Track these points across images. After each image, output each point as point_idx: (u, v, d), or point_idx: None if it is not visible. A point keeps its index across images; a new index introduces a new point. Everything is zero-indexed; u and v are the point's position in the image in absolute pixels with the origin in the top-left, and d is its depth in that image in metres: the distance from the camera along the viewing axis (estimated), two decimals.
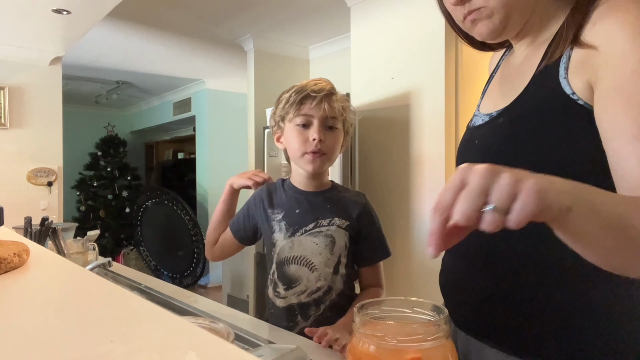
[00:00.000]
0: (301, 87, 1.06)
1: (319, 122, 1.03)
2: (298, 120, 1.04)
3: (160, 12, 3.15)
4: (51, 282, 0.57)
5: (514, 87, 0.73)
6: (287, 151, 1.11)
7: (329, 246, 1.05)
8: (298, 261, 1.06)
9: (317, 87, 1.05)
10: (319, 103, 1.03)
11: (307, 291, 1.05)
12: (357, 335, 0.56)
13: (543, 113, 0.66)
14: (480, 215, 0.43)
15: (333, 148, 1.06)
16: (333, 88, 1.08)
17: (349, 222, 1.07)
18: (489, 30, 0.71)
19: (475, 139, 0.78)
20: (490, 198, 0.42)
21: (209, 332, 0.35)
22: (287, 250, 1.07)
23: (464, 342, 0.76)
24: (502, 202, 0.42)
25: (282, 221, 1.09)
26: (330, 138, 1.05)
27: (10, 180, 3.15)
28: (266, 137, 3.52)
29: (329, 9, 3.03)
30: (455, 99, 2.36)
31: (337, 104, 1.06)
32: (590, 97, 0.62)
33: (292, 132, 1.06)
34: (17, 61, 3.16)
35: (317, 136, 1.02)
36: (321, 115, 1.03)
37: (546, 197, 0.42)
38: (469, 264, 0.76)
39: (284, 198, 1.12)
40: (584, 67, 0.62)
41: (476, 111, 0.85)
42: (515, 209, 0.42)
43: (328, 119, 1.05)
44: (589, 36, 0.62)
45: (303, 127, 1.04)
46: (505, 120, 0.72)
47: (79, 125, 6.13)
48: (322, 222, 1.07)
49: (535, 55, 0.72)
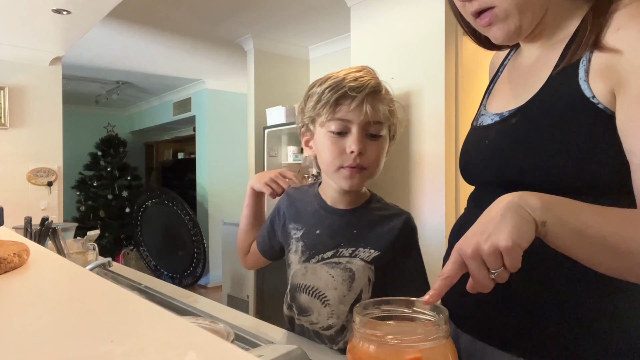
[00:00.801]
0: (337, 82, 0.84)
1: (358, 129, 0.82)
2: (332, 126, 0.83)
3: (160, 12, 3.15)
4: (51, 282, 0.57)
5: (528, 88, 0.72)
6: (319, 161, 0.90)
7: (347, 281, 0.87)
8: (310, 291, 0.90)
9: (358, 83, 0.82)
10: (360, 105, 0.81)
11: (319, 325, 0.91)
12: (357, 335, 0.56)
13: (560, 115, 0.65)
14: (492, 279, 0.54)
15: (376, 161, 0.86)
16: (378, 82, 0.85)
17: (379, 252, 0.87)
18: (504, 34, 0.69)
19: (485, 139, 0.77)
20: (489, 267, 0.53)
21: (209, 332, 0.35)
22: (300, 276, 0.92)
23: (468, 344, 0.76)
24: (496, 267, 0.53)
25: (299, 241, 0.92)
26: (373, 149, 0.84)
27: (10, 180, 3.15)
28: (266, 137, 3.52)
29: (329, 9, 3.03)
30: (455, 99, 2.36)
31: (382, 105, 0.84)
32: (611, 102, 0.61)
33: (325, 140, 0.85)
34: (17, 61, 3.16)
35: (355, 148, 0.82)
36: (362, 120, 0.82)
37: (523, 241, 0.52)
38: None
39: (308, 211, 0.94)
40: (608, 73, 0.61)
41: (482, 110, 0.84)
42: (508, 266, 0.53)
43: (370, 125, 0.83)
44: (612, 40, 0.61)
45: (339, 135, 0.83)
46: (519, 120, 0.71)
47: (79, 125, 6.13)
48: (342, 251, 0.88)
49: (550, 56, 0.70)
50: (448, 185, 2.33)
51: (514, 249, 0.51)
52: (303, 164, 3.32)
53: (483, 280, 0.54)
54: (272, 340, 0.97)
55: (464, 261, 0.55)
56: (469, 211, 0.82)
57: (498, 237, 0.52)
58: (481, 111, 0.84)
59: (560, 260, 0.65)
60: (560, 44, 0.70)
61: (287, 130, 3.42)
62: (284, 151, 3.63)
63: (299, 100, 3.80)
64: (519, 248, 0.52)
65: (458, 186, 2.36)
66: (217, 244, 5.05)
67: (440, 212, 2.35)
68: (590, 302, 0.64)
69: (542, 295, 0.66)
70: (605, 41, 0.62)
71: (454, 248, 0.56)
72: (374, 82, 0.84)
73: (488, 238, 0.52)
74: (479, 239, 0.53)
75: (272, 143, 3.56)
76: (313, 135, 0.90)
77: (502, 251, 0.52)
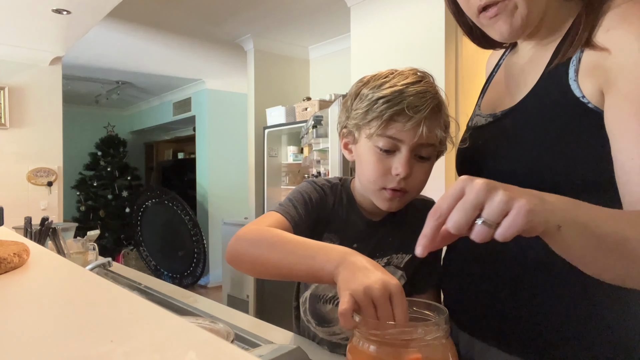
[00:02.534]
0: (395, 95, 0.74)
1: (408, 151, 0.75)
2: (381, 142, 0.75)
3: (160, 12, 3.15)
4: (51, 282, 0.57)
5: (519, 88, 0.72)
6: (358, 173, 0.83)
7: None
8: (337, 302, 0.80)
9: (419, 101, 0.73)
10: (416, 126, 0.73)
11: (341, 335, 0.86)
12: (357, 335, 0.56)
13: (551, 115, 0.65)
14: (472, 226, 0.47)
15: (420, 184, 0.80)
16: (439, 100, 0.76)
17: (409, 255, 0.85)
18: (510, 28, 0.67)
19: (479, 140, 0.77)
20: (483, 212, 0.46)
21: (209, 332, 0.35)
22: (329, 289, 0.85)
23: (467, 343, 0.76)
24: (493, 217, 0.45)
25: None
26: (420, 171, 0.78)
27: (10, 180, 3.15)
28: (266, 137, 3.52)
29: (329, 9, 3.03)
30: (455, 99, 2.36)
31: (440, 127, 0.76)
32: (600, 101, 0.61)
33: (370, 156, 0.77)
34: (17, 61, 3.16)
35: (402, 171, 0.75)
36: (415, 142, 0.74)
37: (535, 217, 0.45)
38: (474, 265, 0.75)
39: (344, 221, 0.85)
40: (596, 72, 0.61)
41: (477, 110, 0.84)
42: (503, 224, 0.45)
43: (423, 147, 0.76)
44: (603, 41, 0.61)
45: (386, 153, 0.76)
46: (511, 121, 0.71)
47: (79, 125, 6.13)
48: (378, 260, 0.83)
49: (542, 56, 0.71)
50: (448, 186, 2.33)
51: (525, 217, 0.44)
52: (303, 164, 3.32)
53: (465, 217, 0.46)
54: (272, 340, 0.97)
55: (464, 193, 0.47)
56: None
57: (522, 197, 0.45)
58: (476, 111, 0.84)
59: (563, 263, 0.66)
60: (552, 43, 0.70)
61: (287, 130, 3.42)
62: (284, 151, 3.63)
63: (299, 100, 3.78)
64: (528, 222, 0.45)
65: None
66: (217, 244, 5.05)
67: None
68: (588, 302, 0.64)
69: (542, 296, 0.66)
70: (595, 40, 0.62)
71: (459, 179, 0.48)
72: (436, 101, 0.75)
73: (509, 189, 0.46)
74: (501, 186, 0.46)
75: (272, 143, 3.56)
76: (356, 142, 0.82)
77: (514, 209, 0.45)
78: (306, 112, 3.18)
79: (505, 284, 0.70)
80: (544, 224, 0.46)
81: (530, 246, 0.68)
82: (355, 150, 0.83)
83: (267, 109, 3.54)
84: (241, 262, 0.75)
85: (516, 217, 0.45)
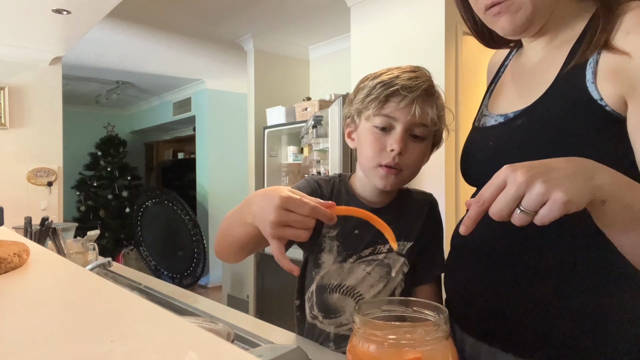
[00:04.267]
0: (390, 79, 0.82)
1: (402, 129, 0.81)
2: (377, 121, 0.82)
3: (160, 12, 3.15)
4: (51, 282, 0.57)
5: (533, 89, 0.71)
6: (358, 155, 0.89)
7: (384, 278, 0.87)
8: (344, 291, 0.88)
9: (411, 83, 0.81)
10: (409, 105, 0.80)
11: (348, 325, 0.87)
12: (357, 335, 0.56)
13: (567, 117, 0.64)
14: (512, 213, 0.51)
15: (415, 164, 0.84)
16: (432, 85, 0.84)
17: (411, 242, 0.89)
18: (512, 26, 0.68)
19: (490, 140, 0.76)
20: (523, 202, 0.50)
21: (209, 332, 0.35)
22: (334, 276, 0.88)
23: (473, 347, 0.75)
24: (531, 207, 0.50)
25: (334, 240, 0.88)
26: (413, 151, 0.83)
27: (10, 180, 3.15)
28: (266, 137, 3.52)
29: (329, 9, 3.03)
30: (455, 99, 2.36)
31: (432, 109, 0.82)
32: (619, 105, 0.61)
33: (368, 135, 0.84)
34: (17, 61, 3.16)
35: (396, 147, 0.80)
36: (408, 120, 0.81)
37: (572, 206, 0.49)
38: (479, 268, 0.75)
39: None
40: (616, 76, 0.60)
41: (485, 110, 0.82)
42: (540, 213, 0.50)
43: (416, 127, 0.82)
44: (622, 44, 0.61)
45: (382, 131, 0.82)
46: (525, 122, 0.70)
47: (79, 125, 6.13)
48: (380, 247, 0.88)
49: (557, 56, 0.70)
50: (448, 186, 2.33)
51: (561, 208, 0.49)
52: (303, 164, 3.32)
53: (507, 208, 0.51)
54: (272, 340, 0.97)
55: (505, 184, 0.51)
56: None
57: (559, 187, 0.49)
58: (483, 112, 0.83)
59: (568, 264, 0.65)
60: (566, 44, 0.69)
61: (287, 130, 3.42)
62: (284, 151, 3.63)
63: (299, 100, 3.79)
64: (564, 212, 0.49)
65: (458, 187, 2.36)
66: None
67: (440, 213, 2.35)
68: (597, 304, 0.63)
69: (549, 297, 0.66)
70: (615, 43, 0.61)
71: (500, 170, 0.52)
72: (428, 83, 0.83)
73: (548, 181, 0.49)
74: (540, 176, 0.49)
75: (272, 143, 3.56)
76: (357, 128, 0.88)
77: (550, 201, 0.49)
78: (306, 112, 3.18)
79: (511, 286, 0.69)
80: (587, 202, 0.50)
81: (537, 249, 0.67)
82: (357, 136, 0.89)
83: (267, 109, 3.53)
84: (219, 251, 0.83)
85: (552, 208, 0.49)
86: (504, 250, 0.71)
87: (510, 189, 0.50)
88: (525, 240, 0.68)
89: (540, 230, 0.67)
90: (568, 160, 0.53)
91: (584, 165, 0.52)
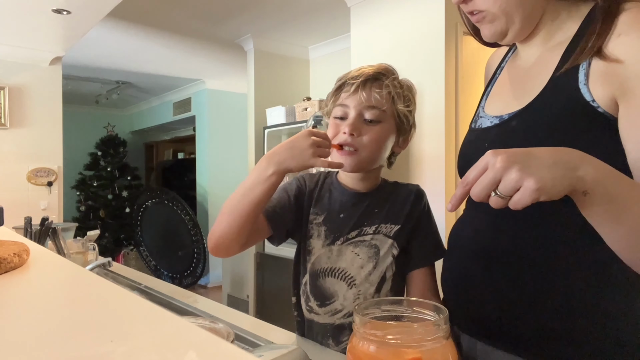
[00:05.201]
0: (343, 75, 0.93)
1: (354, 114, 0.88)
2: (336, 111, 0.92)
3: (160, 12, 3.15)
4: (51, 282, 0.57)
5: (527, 90, 0.72)
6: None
7: (373, 258, 0.91)
8: (335, 274, 0.91)
9: (357, 73, 0.90)
10: (355, 91, 0.89)
11: (343, 311, 0.91)
12: (357, 335, 0.56)
13: (560, 118, 0.65)
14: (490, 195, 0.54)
15: (370, 145, 0.89)
16: (379, 72, 0.91)
17: (398, 225, 0.93)
18: (490, 34, 0.72)
19: (485, 142, 0.76)
20: (499, 186, 0.53)
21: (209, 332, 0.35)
22: (325, 260, 0.92)
23: (469, 345, 0.76)
24: (505, 192, 0.53)
25: (322, 226, 0.94)
26: (368, 132, 0.89)
27: (10, 180, 3.15)
28: (266, 137, 3.52)
29: (329, 9, 3.03)
30: (455, 99, 2.36)
31: (379, 92, 0.89)
32: (611, 107, 0.61)
33: (332, 125, 0.93)
34: (17, 61, 3.16)
35: (347, 129, 0.87)
36: (357, 105, 0.88)
37: (544, 193, 0.51)
38: (474, 266, 0.75)
39: (327, 197, 0.97)
40: (608, 78, 0.61)
41: (481, 112, 0.83)
42: (513, 199, 0.53)
43: (366, 110, 0.89)
44: (613, 46, 0.61)
45: (340, 120, 0.91)
46: (519, 124, 0.71)
47: (79, 125, 6.13)
48: (366, 229, 0.92)
49: (550, 58, 0.70)
50: (448, 185, 2.33)
51: (532, 195, 0.51)
52: None
53: (484, 190, 0.54)
54: (272, 340, 0.97)
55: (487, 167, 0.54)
56: (468, 213, 0.82)
57: (531, 175, 0.51)
58: (480, 113, 0.84)
59: (562, 262, 0.66)
60: (560, 46, 0.69)
61: (287, 130, 3.42)
62: None
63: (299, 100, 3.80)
64: (535, 199, 0.51)
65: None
66: None
67: (440, 212, 2.34)
68: (593, 301, 0.64)
69: (544, 296, 0.66)
70: (607, 48, 0.61)
71: (484, 155, 0.55)
72: (373, 71, 0.90)
73: (524, 168, 0.52)
74: (517, 164, 0.52)
75: (272, 143, 3.55)
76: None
77: (523, 188, 0.51)
78: (306, 112, 3.18)
79: (507, 284, 0.70)
80: (564, 191, 0.52)
81: (533, 246, 0.68)
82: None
83: (267, 109, 3.54)
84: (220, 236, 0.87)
85: (523, 194, 0.51)
86: (499, 248, 0.71)
87: (488, 173, 0.53)
88: (520, 239, 0.69)
89: (535, 228, 0.68)
90: (553, 150, 0.54)
91: (569, 156, 0.53)
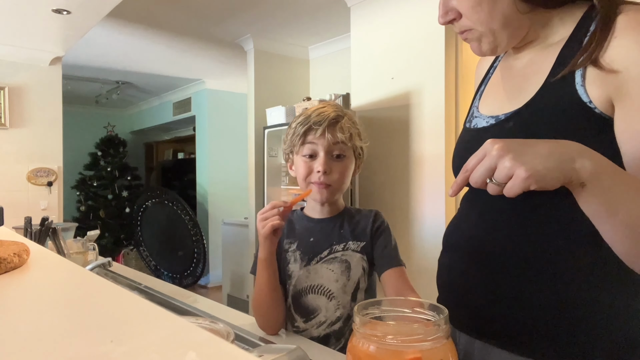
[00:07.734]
0: (305, 118, 1.04)
1: (324, 153, 1.02)
2: (304, 150, 1.04)
3: (160, 12, 3.15)
4: (51, 282, 0.57)
5: (522, 91, 0.72)
6: (298, 180, 1.09)
7: (345, 272, 1.02)
8: (315, 290, 1.03)
9: (320, 117, 1.02)
10: (323, 133, 1.01)
11: (327, 322, 1.02)
12: (357, 335, 0.56)
13: (557, 119, 0.65)
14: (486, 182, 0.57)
15: (340, 179, 1.04)
16: (338, 114, 1.04)
17: (364, 242, 1.05)
18: (480, 51, 0.74)
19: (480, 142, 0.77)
20: (494, 174, 0.56)
21: (209, 332, 0.35)
22: (304, 279, 1.04)
23: (465, 343, 0.76)
24: (499, 179, 0.56)
25: (296, 251, 1.06)
26: (337, 168, 1.03)
27: (10, 180, 3.15)
28: (266, 137, 3.52)
29: (329, 9, 3.03)
30: (455, 99, 2.37)
31: (341, 133, 1.02)
32: (607, 108, 0.62)
33: (300, 163, 1.05)
34: (17, 61, 3.16)
35: (321, 168, 1.01)
36: (325, 145, 1.02)
37: (536, 182, 0.54)
38: (471, 265, 0.75)
39: (297, 228, 1.11)
40: (604, 80, 0.61)
41: (475, 112, 0.84)
42: (507, 186, 0.55)
43: (334, 147, 1.03)
44: (610, 50, 0.61)
45: (310, 158, 1.03)
46: (516, 124, 0.71)
47: (79, 125, 6.13)
48: (336, 247, 1.04)
49: (545, 59, 0.71)
50: (448, 186, 2.33)
51: (522, 183, 0.53)
52: None
53: (480, 177, 0.57)
54: (272, 340, 0.97)
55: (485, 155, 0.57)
56: (463, 212, 0.82)
57: (523, 164, 0.53)
58: (474, 113, 0.84)
59: (558, 259, 0.66)
60: (554, 47, 0.70)
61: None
62: None
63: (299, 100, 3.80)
64: (526, 187, 0.54)
65: None
66: (217, 244, 5.05)
67: (440, 212, 2.36)
68: (590, 299, 0.64)
69: (540, 294, 0.66)
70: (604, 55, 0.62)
71: (485, 142, 0.58)
72: (333, 114, 1.03)
73: (517, 157, 0.54)
74: (512, 152, 0.55)
75: (272, 143, 3.56)
76: (293, 162, 1.09)
77: (514, 175, 0.54)
78: None
79: (502, 282, 0.70)
80: (557, 183, 0.54)
81: (528, 243, 0.68)
82: (295, 167, 1.09)
83: (267, 109, 3.53)
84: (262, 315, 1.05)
85: (514, 182, 0.54)
86: (495, 247, 0.71)
87: (485, 161, 0.56)
88: (516, 237, 0.69)
89: (529, 226, 0.68)
90: (551, 142, 0.56)
91: (566, 148, 0.55)
